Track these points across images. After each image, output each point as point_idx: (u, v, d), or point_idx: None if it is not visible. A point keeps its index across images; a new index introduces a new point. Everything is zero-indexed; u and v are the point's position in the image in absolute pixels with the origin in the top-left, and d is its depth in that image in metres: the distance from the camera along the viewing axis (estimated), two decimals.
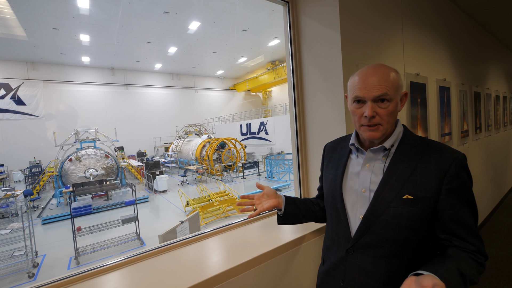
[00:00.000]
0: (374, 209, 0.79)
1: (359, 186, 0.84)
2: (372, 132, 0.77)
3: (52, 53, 15.02)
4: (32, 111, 15.89)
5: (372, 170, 0.83)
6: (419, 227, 0.75)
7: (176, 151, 17.11)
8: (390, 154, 0.81)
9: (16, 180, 14.44)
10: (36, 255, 5.39)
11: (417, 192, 0.74)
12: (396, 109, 0.78)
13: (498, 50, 4.79)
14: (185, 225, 2.85)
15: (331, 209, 0.93)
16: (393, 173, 0.78)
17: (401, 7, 1.98)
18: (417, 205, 0.74)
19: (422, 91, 2.22)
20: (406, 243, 0.76)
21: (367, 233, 0.79)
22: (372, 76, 0.75)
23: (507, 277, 2.57)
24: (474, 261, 0.70)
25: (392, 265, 0.77)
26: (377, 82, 0.74)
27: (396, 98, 0.76)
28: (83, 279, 0.98)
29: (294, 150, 1.71)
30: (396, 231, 0.76)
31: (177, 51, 16.30)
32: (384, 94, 0.74)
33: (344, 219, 0.86)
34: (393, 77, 0.76)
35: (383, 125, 0.76)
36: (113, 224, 5.62)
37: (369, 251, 0.80)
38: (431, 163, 0.75)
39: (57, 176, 10.29)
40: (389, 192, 0.77)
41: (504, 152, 4.88)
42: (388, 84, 0.74)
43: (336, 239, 0.89)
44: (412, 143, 0.80)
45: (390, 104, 0.75)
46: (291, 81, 1.67)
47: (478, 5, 3.12)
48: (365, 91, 0.75)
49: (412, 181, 0.75)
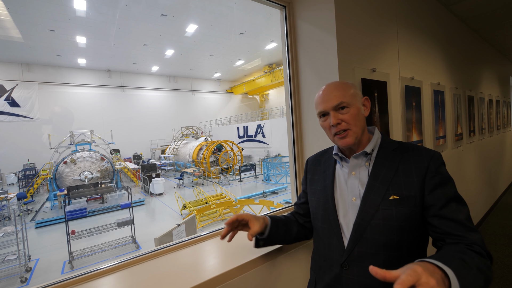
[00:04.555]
0: (363, 214, 0.79)
1: (348, 195, 0.85)
2: (344, 139, 0.82)
3: (47, 55, 14.93)
4: (26, 113, 15.72)
5: (358, 177, 0.84)
6: (410, 228, 0.76)
7: (173, 154, 17.04)
8: (372, 158, 0.84)
9: (10, 183, 14.24)
10: (29, 259, 5.30)
11: (402, 192, 0.77)
12: (360, 113, 0.83)
13: (491, 55, 4.89)
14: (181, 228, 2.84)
15: (322, 222, 0.90)
16: (377, 176, 0.81)
17: (396, 12, 2.01)
18: (404, 205, 0.76)
19: (416, 95, 2.25)
20: (400, 246, 0.76)
21: (360, 240, 0.78)
22: (328, 91, 0.84)
23: (501, 279, 2.59)
24: (473, 251, 0.65)
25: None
26: (332, 94, 0.82)
27: (354, 104, 0.83)
28: (77, 283, 0.97)
29: (290, 153, 1.71)
30: (389, 235, 0.76)
31: (174, 53, 16.31)
32: (341, 102, 0.81)
33: (337, 231, 0.84)
34: (346, 87, 0.84)
35: (352, 129, 0.81)
36: (108, 228, 5.55)
37: (365, 262, 0.78)
38: (411, 162, 0.79)
39: (51, 179, 10.17)
40: (376, 195, 0.79)
41: (497, 155, 4.95)
42: (343, 93, 0.82)
43: (329, 255, 0.86)
44: (391, 146, 0.85)
45: (350, 109, 0.82)
46: (288, 84, 1.68)
47: (471, 11, 3.18)
48: (324, 104, 0.83)
49: (396, 182, 0.78)
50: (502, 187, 5.22)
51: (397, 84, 2.00)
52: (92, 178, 10.38)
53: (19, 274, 4.71)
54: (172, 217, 7.71)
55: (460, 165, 3.17)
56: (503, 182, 5.30)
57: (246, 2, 10.47)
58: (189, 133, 18.21)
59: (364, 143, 0.86)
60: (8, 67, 15.40)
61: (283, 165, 12.28)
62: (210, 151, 13.65)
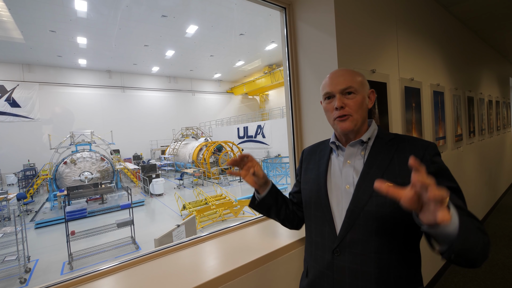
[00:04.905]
0: (357, 201, 0.79)
1: (342, 182, 0.85)
2: (344, 123, 0.83)
3: (48, 55, 14.94)
4: (27, 114, 15.73)
5: (353, 166, 0.85)
6: (402, 215, 0.74)
7: (173, 154, 17.04)
8: (368, 147, 0.85)
9: (10, 183, 14.23)
10: (28, 260, 5.29)
11: (396, 180, 0.77)
12: (364, 103, 0.85)
13: (491, 56, 4.89)
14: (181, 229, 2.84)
15: (314, 209, 0.91)
16: (372, 164, 0.82)
17: (396, 14, 2.02)
18: None
19: (416, 96, 2.25)
20: (392, 233, 0.76)
21: (353, 227, 0.79)
22: (338, 75, 0.85)
23: (501, 280, 2.59)
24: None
25: (382, 261, 0.76)
26: (342, 78, 0.84)
27: (362, 92, 0.84)
28: (76, 284, 0.97)
29: (290, 154, 1.71)
30: (381, 221, 0.76)
31: (175, 54, 16.33)
32: (349, 87, 0.82)
33: (330, 218, 0.85)
34: (357, 74, 0.86)
35: (353, 115, 0.82)
36: (108, 228, 5.54)
37: (356, 248, 0.78)
38: (406, 151, 0.80)
39: (51, 179, 10.16)
40: (370, 182, 0.78)
41: (497, 156, 4.94)
42: (352, 79, 0.83)
43: (321, 242, 0.87)
44: (387, 138, 0.86)
45: (356, 96, 0.83)
46: (288, 85, 1.69)
47: (470, 12, 3.19)
48: (332, 86, 0.84)
49: (391, 170, 0.79)
50: (502, 188, 5.21)
51: (396, 85, 2.00)
52: (92, 178, 10.38)
53: (19, 274, 4.70)
54: (172, 218, 7.70)
55: (460, 166, 3.17)
56: (503, 183, 5.29)
57: (246, 3, 10.45)
58: (189, 133, 18.21)
59: (361, 133, 0.87)
60: (9, 68, 15.41)
61: (283, 166, 12.28)
62: (210, 152, 13.65)
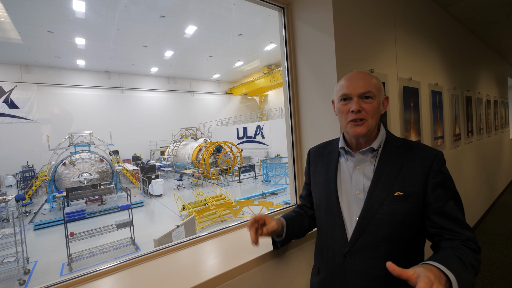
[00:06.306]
0: (369, 208, 0.81)
1: (352, 188, 0.86)
2: (359, 127, 0.82)
3: (46, 56, 14.91)
4: (25, 115, 15.68)
5: (363, 172, 0.86)
6: (411, 223, 0.80)
7: (172, 155, 17.01)
8: (378, 155, 0.86)
9: (8, 184, 14.18)
10: (27, 261, 5.28)
11: (406, 189, 0.80)
12: (379, 108, 0.85)
13: (489, 56, 4.91)
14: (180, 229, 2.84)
15: (325, 214, 0.92)
16: (383, 172, 0.83)
17: (394, 14, 2.03)
18: (408, 201, 0.79)
19: (414, 96, 2.26)
20: (401, 239, 0.80)
21: (364, 233, 0.81)
22: (357, 78, 0.84)
23: (499, 279, 2.60)
24: (467, 247, 0.73)
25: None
26: (362, 82, 0.83)
27: (379, 97, 0.84)
28: (76, 284, 0.97)
29: (289, 154, 1.72)
30: (391, 229, 0.79)
31: (174, 55, 16.32)
32: (368, 91, 0.82)
33: (340, 223, 0.86)
34: (376, 79, 0.86)
35: (368, 121, 0.82)
36: (107, 229, 5.53)
37: (367, 253, 0.81)
38: (415, 160, 0.82)
39: (50, 181, 10.13)
40: (381, 191, 0.81)
41: (496, 155, 4.96)
42: (371, 84, 0.83)
43: (332, 245, 0.89)
44: (395, 144, 0.87)
45: (374, 101, 0.82)
46: (287, 85, 1.69)
47: (468, 12, 3.20)
48: (351, 89, 0.83)
49: (401, 179, 0.81)
50: (501, 187, 5.23)
51: (395, 84, 2.01)
52: (91, 179, 10.35)
53: (18, 276, 4.68)
54: (172, 218, 7.69)
55: (458, 166, 3.18)
56: (502, 182, 5.32)
57: (245, 3, 10.50)
58: (188, 134, 18.20)
59: (371, 138, 0.87)
60: (7, 69, 15.37)
61: (283, 166, 12.29)
62: (209, 152, 13.64)
